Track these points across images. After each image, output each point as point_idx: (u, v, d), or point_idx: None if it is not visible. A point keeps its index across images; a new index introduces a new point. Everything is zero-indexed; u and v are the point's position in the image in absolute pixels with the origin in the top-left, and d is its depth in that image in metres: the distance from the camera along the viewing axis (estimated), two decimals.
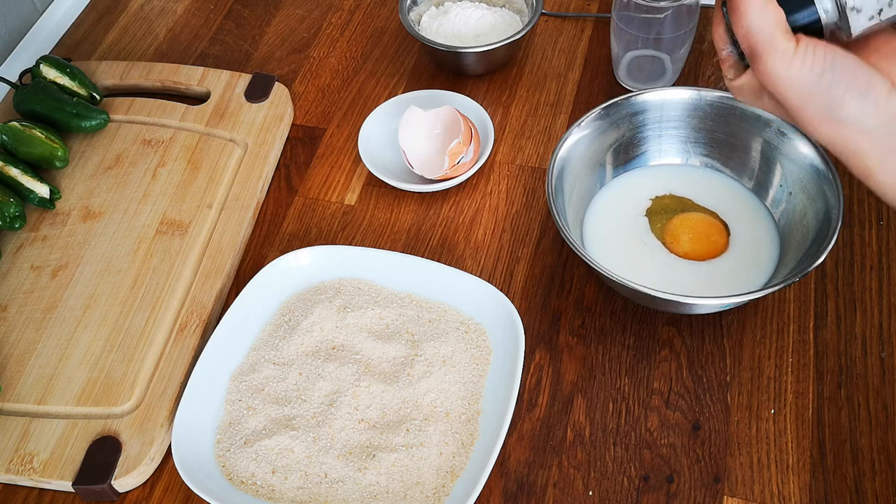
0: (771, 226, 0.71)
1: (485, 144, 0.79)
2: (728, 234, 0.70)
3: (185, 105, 0.86)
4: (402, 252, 0.74)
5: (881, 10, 0.44)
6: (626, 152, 0.75)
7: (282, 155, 0.85)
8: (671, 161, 0.75)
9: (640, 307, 0.70)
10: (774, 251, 0.69)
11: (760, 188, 0.72)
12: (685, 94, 0.73)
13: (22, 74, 0.87)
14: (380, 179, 0.79)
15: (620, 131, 0.74)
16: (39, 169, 0.80)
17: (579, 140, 0.72)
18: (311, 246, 0.73)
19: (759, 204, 0.72)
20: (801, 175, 0.69)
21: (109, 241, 0.77)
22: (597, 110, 0.72)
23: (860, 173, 0.47)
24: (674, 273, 0.69)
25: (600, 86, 0.87)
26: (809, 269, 0.61)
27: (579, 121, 0.72)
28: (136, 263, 0.75)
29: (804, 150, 0.68)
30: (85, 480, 0.63)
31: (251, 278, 0.71)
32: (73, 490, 0.64)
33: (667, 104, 0.73)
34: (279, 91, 0.87)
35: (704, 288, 0.68)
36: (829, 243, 0.62)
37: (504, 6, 0.91)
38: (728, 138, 0.73)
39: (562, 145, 0.70)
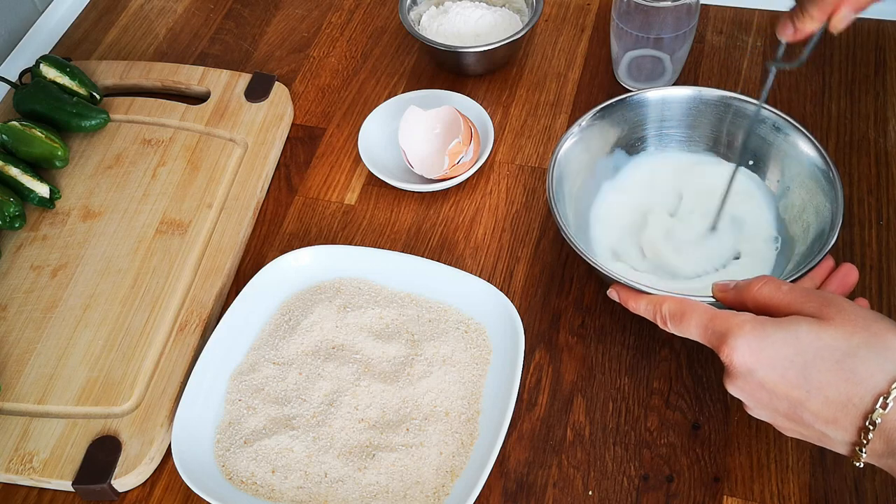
0: (771, 225, 0.71)
1: (485, 144, 0.80)
2: None
3: (185, 105, 0.86)
4: (402, 252, 0.74)
5: None
6: (626, 151, 0.75)
7: (282, 155, 0.85)
8: (670, 159, 0.75)
9: None
10: (774, 250, 0.69)
11: (758, 188, 0.72)
12: (685, 93, 0.73)
13: (22, 74, 0.87)
14: (380, 179, 0.79)
15: (620, 130, 0.74)
16: (39, 168, 0.80)
17: (580, 139, 0.72)
18: (311, 245, 0.73)
19: (759, 203, 0.72)
20: (801, 174, 0.69)
21: (109, 241, 0.77)
22: (596, 109, 0.72)
23: None
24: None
25: (600, 86, 0.87)
26: (809, 269, 0.61)
27: (579, 120, 0.72)
28: (136, 263, 0.75)
29: (803, 147, 0.68)
30: (85, 480, 0.63)
31: (251, 278, 0.71)
32: (72, 490, 0.64)
33: (666, 102, 0.73)
34: (279, 91, 0.87)
35: (704, 287, 0.68)
36: (829, 243, 0.62)
37: (504, 6, 0.91)
38: (727, 136, 0.73)
39: (562, 145, 0.70)
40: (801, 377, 0.51)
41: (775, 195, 0.71)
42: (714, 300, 0.60)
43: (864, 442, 0.49)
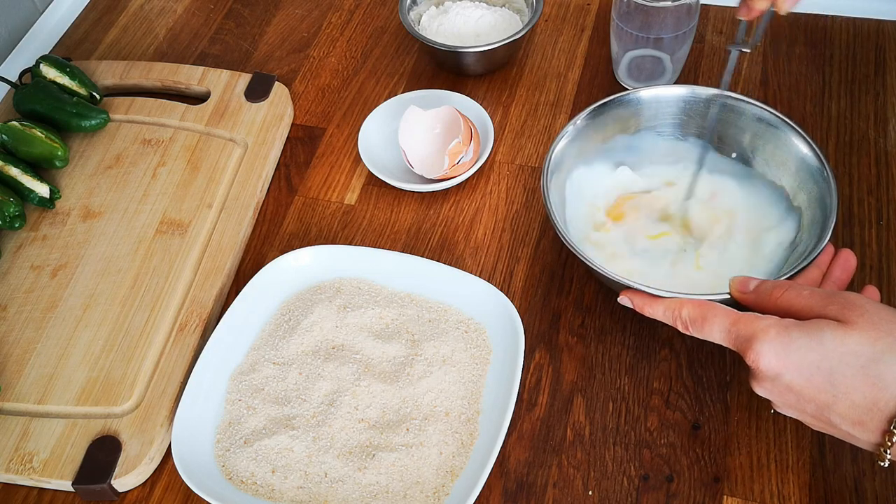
0: (768, 224, 0.71)
1: (485, 144, 0.80)
2: None
3: (185, 105, 0.86)
4: (402, 252, 0.74)
5: None
6: (623, 150, 0.75)
7: (282, 154, 0.85)
8: (667, 158, 0.75)
9: None
10: (772, 248, 0.69)
11: (756, 185, 0.72)
12: (680, 91, 0.73)
13: (22, 74, 0.87)
14: (380, 179, 0.79)
15: (615, 129, 0.74)
16: (39, 168, 0.80)
17: (575, 138, 0.71)
18: (311, 245, 0.73)
19: (757, 202, 0.72)
20: (796, 171, 0.69)
21: (109, 241, 0.77)
22: (591, 108, 0.72)
23: None
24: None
25: (600, 86, 0.87)
26: (804, 266, 0.61)
27: (573, 119, 0.71)
28: (135, 263, 0.75)
29: (797, 145, 0.68)
30: (85, 480, 0.63)
31: (251, 278, 0.71)
32: (72, 490, 0.64)
33: (660, 101, 0.73)
34: (279, 91, 0.87)
35: (704, 287, 0.67)
36: (823, 240, 0.62)
37: (504, 6, 0.91)
38: (723, 134, 0.73)
39: (557, 144, 0.70)
40: (828, 382, 0.52)
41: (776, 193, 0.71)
42: (730, 297, 0.60)
43: (889, 444, 0.50)
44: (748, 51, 0.64)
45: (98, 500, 0.65)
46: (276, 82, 0.88)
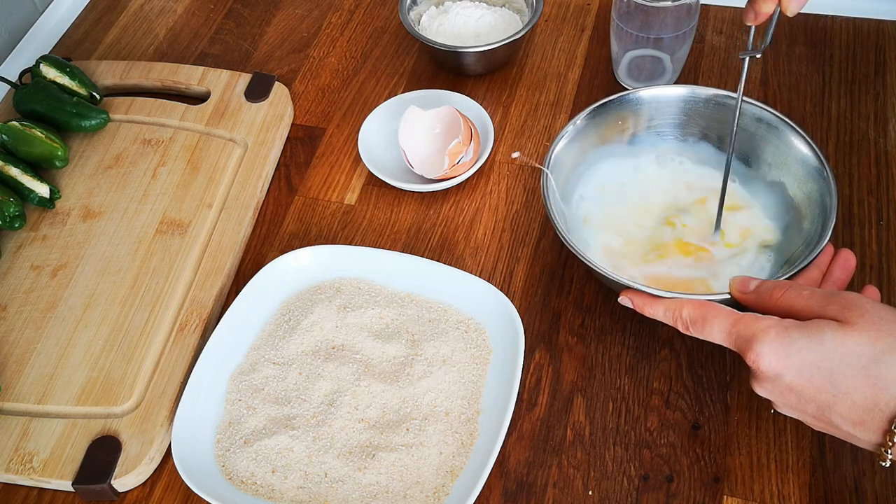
0: (768, 223, 0.71)
1: (485, 144, 0.80)
2: None
3: (185, 105, 0.86)
4: (402, 252, 0.74)
5: None
6: (623, 150, 0.75)
7: (282, 154, 0.85)
8: (667, 158, 0.75)
9: None
10: (772, 249, 0.69)
11: (756, 185, 0.72)
12: (680, 91, 0.73)
13: (22, 74, 0.87)
14: (380, 179, 0.79)
15: (615, 129, 0.74)
16: (39, 168, 0.80)
17: (575, 138, 0.71)
18: (311, 245, 0.73)
19: (756, 202, 0.72)
20: (796, 171, 0.69)
21: (109, 241, 0.77)
22: (591, 108, 0.72)
23: None
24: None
25: (600, 86, 0.87)
26: (804, 266, 0.61)
27: (573, 119, 0.71)
28: (135, 263, 0.75)
29: (797, 146, 0.68)
30: (85, 480, 0.63)
31: (251, 278, 0.71)
32: (72, 490, 0.64)
33: (660, 101, 0.73)
34: (279, 91, 0.87)
35: (703, 287, 0.68)
36: (823, 240, 0.62)
37: (504, 6, 0.91)
38: (723, 135, 0.73)
39: (557, 144, 0.70)
40: (828, 382, 0.52)
41: (770, 192, 0.71)
42: (730, 297, 0.60)
43: (890, 444, 0.51)
44: (759, 56, 0.64)
45: (98, 500, 0.65)
46: (276, 82, 0.88)
